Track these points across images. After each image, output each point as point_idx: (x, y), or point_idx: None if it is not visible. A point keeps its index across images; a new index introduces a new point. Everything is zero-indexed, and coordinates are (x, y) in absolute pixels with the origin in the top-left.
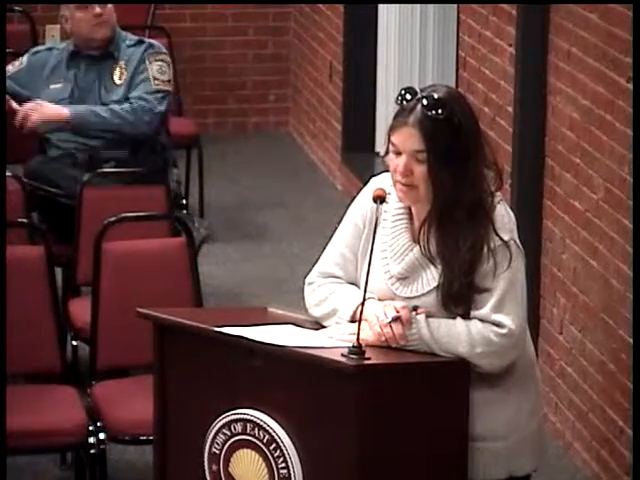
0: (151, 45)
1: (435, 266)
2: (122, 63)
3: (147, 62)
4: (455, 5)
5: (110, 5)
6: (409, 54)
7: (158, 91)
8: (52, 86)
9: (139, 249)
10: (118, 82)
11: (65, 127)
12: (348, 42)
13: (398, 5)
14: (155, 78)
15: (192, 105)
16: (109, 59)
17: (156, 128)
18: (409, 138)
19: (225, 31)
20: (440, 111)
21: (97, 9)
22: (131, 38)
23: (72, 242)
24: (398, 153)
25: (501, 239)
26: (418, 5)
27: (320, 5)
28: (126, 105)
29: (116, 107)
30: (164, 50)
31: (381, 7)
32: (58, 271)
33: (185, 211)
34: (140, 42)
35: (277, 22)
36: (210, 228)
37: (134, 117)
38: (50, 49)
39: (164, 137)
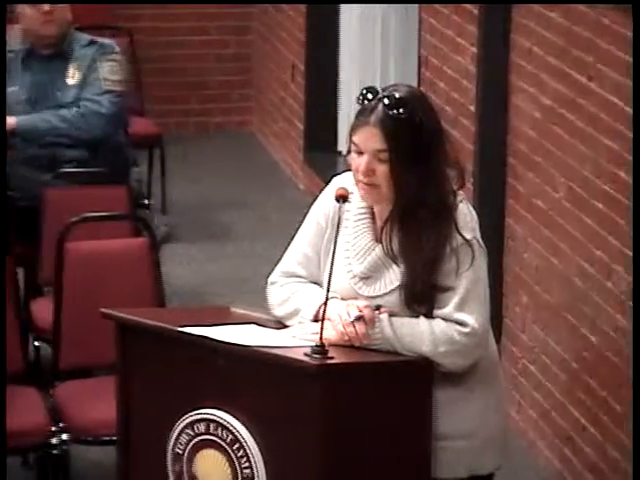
0: (103, 45)
1: (398, 265)
2: (75, 64)
3: (98, 62)
4: (417, 5)
5: (64, 6)
6: (371, 54)
7: (109, 92)
8: (9, 89)
9: (102, 249)
10: (71, 83)
11: (14, 135)
12: (310, 42)
13: (360, 5)
14: (106, 79)
15: (154, 105)
16: (62, 59)
17: (108, 131)
18: (370, 137)
19: (187, 31)
20: (401, 110)
21: (46, 7)
22: (85, 38)
23: (34, 242)
24: (360, 153)
25: (463, 238)
26: (380, 5)
27: (282, 5)
28: (75, 109)
29: (65, 112)
30: (116, 49)
31: (343, 7)
32: (20, 271)
33: (147, 210)
34: (93, 42)
35: (239, 21)
36: (170, 225)
37: (83, 121)
38: (8, 52)
39: (122, 137)
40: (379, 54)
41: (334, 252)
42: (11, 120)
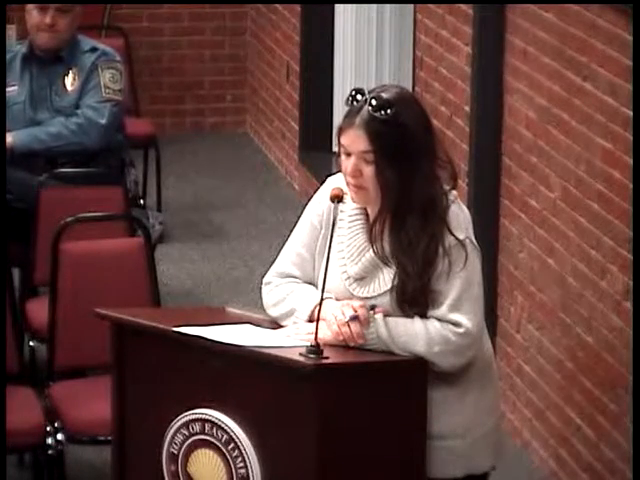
0: (105, 53)
1: (391, 267)
2: (75, 69)
3: (99, 69)
4: (412, 5)
5: (70, 19)
6: (366, 54)
7: (108, 100)
8: (9, 88)
9: (97, 249)
10: (70, 88)
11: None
12: (305, 42)
13: (355, 5)
14: (106, 86)
15: (149, 105)
16: (61, 64)
17: (103, 142)
18: (356, 139)
19: (182, 31)
20: (387, 112)
21: (48, 19)
22: (87, 43)
23: (29, 243)
24: (348, 154)
25: (456, 238)
26: (375, 5)
27: (277, 5)
28: (74, 120)
29: (61, 127)
30: (117, 58)
31: (338, 7)
32: (15, 272)
33: (143, 210)
34: (94, 49)
35: (234, 22)
36: (165, 225)
37: (78, 134)
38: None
39: (119, 138)
40: (374, 54)
41: (329, 252)
42: (8, 139)
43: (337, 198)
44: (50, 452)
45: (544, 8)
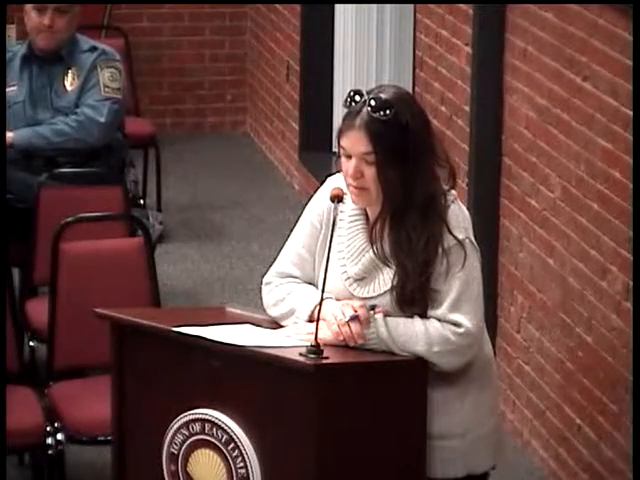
0: (104, 52)
1: (391, 267)
2: (74, 69)
3: (98, 69)
4: (412, 5)
5: (68, 19)
6: (366, 54)
7: (107, 99)
8: (9, 88)
9: (96, 249)
10: (69, 88)
11: (9, 149)
12: (305, 42)
13: (355, 5)
14: (105, 85)
15: (149, 105)
16: (60, 64)
17: (104, 139)
18: (357, 141)
19: (182, 31)
20: (386, 112)
21: (46, 20)
22: (86, 43)
23: (29, 242)
24: (348, 156)
25: (455, 238)
26: (375, 5)
27: (277, 5)
28: (73, 117)
29: (62, 124)
30: (117, 57)
31: (338, 7)
32: (15, 271)
33: (142, 210)
34: (94, 48)
35: (234, 22)
36: (165, 225)
37: (79, 131)
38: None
39: (119, 138)
40: (374, 54)
41: (329, 252)
42: (8, 134)
43: (337, 198)
44: (50, 452)
45: (544, 8)
